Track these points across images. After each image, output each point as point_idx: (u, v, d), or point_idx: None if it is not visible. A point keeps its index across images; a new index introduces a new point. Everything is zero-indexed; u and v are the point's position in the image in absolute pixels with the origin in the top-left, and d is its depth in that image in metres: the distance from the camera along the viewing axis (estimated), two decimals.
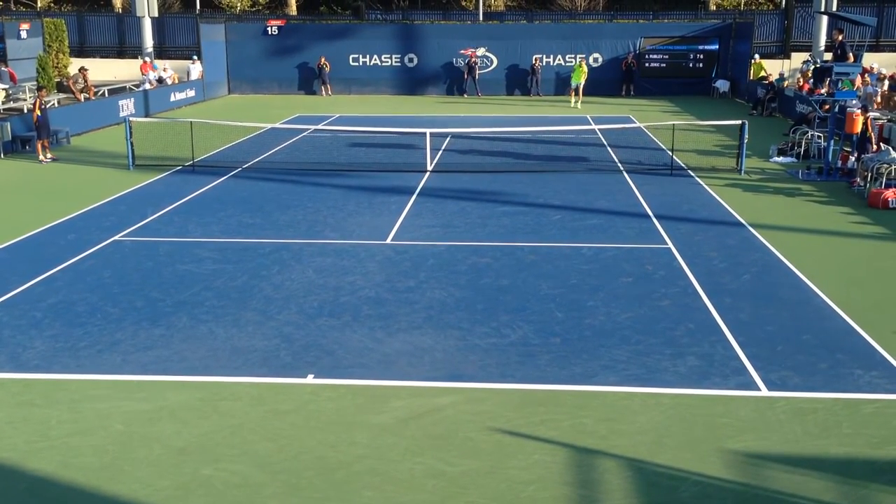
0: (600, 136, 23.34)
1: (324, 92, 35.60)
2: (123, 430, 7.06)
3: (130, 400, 7.59)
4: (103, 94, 29.34)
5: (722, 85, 34.30)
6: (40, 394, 7.71)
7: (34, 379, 8.01)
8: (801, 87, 26.76)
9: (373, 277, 11.05)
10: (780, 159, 19.79)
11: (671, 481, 6.29)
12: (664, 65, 35.41)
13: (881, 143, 18.32)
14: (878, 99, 23.84)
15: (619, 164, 19.32)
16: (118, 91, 30.42)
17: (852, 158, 17.70)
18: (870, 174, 16.09)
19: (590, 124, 24.96)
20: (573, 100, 31.56)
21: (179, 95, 31.65)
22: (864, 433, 6.97)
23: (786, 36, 37.61)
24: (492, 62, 35.74)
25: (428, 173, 18.18)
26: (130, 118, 19.85)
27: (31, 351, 8.66)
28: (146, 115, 27.60)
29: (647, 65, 35.40)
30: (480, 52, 35.59)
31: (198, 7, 45.31)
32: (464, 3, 48.57)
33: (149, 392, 7.74)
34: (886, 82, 25.17)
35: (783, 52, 36.81)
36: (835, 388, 7.79)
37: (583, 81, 31.49)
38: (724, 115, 26.76)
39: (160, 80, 32.32)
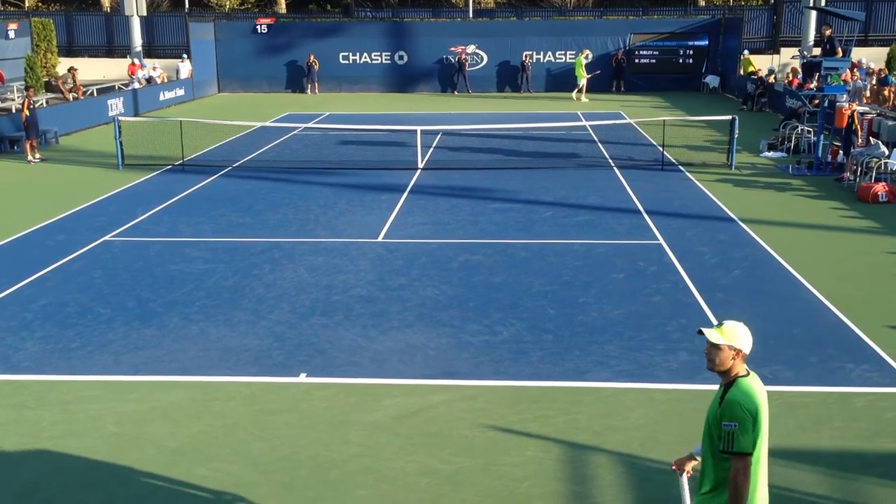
0: (591, 132, 23.37)
1: (310, 90, 35.52)
2: (115, 431, 7.03)
3: (122, 401, 7.56)
4: (92, 93, 29.20)
5: (712, 80, 34.38)
6: (31, 395, 7.67)
7: (25, 380, 7.98)
8: (790, 82, 26.85)
9: (364, 276, 11.03)
10: (771, 154, 19.85)
11: (665, 476, 6.29)
12: (654, 61, 35.48)
13: (870, 137, 18.39)
14: (867, 93, 23.92)
15: (610, 160, 19.34)
16: (107, 90, 30.28)
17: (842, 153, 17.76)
18: (859, 168, 16.15)
19: (580, 120, 25.00)
20: (575, 95, 31.64)
21: (169, 94, 31.54)
22: (856, 426, 7.01)
23: (775, 31, 37.72)
24: (482, 59, 35.73)
25: (419, 171, 18.16)
26: (119, 117, 19.79)
27: (21, 352, 8.62)
28: (135, 115, 27.50)
29: (637, 61, 35.47)
30: (470, 49, 35.58)
31: (187, 6, 45.11)
32: (453, 1, 48.49)
33: (141, 393, 7.72)
34: (875, 77, 25.25)
35: (773, 48, 36.93)
36: (826, 382, 7.82)
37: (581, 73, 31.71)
38: (715, 110, 26.81)
39: (149, 80, 32.19)
